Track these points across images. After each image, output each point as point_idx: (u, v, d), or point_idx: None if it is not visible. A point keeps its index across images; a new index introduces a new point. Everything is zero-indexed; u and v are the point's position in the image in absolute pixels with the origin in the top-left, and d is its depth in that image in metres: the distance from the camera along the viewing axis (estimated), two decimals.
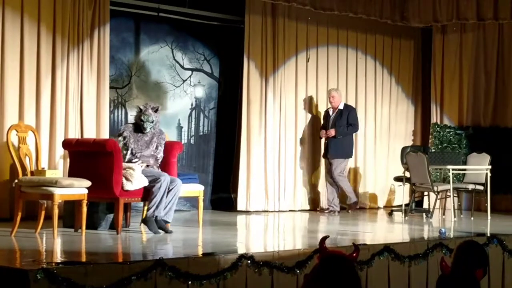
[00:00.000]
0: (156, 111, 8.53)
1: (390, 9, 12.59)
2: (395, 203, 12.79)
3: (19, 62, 9.27)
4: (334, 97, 11.62)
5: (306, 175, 12.05)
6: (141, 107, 8.56)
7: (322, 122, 11.90)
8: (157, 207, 8.06)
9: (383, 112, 13.16)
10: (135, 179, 8.02)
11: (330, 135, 11.47)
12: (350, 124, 11.56)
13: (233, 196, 11.53)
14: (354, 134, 11.93)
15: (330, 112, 11.67)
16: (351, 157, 11.80)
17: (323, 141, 11.79)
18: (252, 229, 9.97)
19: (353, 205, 11.63)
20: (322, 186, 12.05)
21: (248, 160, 11.41)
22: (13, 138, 8.01)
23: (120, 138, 8.44)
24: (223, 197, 11.62)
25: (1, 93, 9.12)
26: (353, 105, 12.65)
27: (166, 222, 8.16)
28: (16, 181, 7.75)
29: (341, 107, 11.63)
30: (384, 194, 13.04)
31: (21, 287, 5.18)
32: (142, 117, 8.44)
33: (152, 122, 8.45)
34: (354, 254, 3.47)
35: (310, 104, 12.19)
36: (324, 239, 3.54)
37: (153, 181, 8.11)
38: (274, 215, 11.19)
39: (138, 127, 8.50)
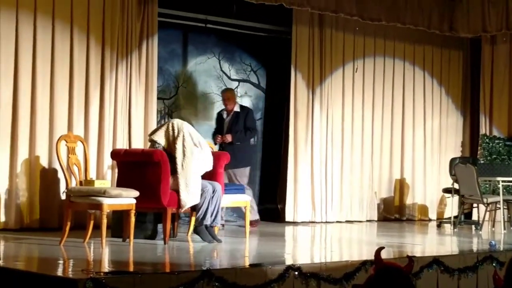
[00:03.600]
0: None
1: (438, 19, 12.46)
2: (446, 215, 12.61)
3: (68, 73, 9.37)
4: (230, 98, 10.37)
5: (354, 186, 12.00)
6: None
7: (215, 126, 10.62)
8: (204, 215, 8.15)
9: (433, 123, 13.03)
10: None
11: (226, 140, 10.20)
12: (248, 129, 10.33)
13: (280, 206, 11.50)
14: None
15: (224, 115, 10.42)
16: (250, 165, 10.50)
17: (217, 148, 10.27)
18: (299, 240, 9.92)
19: (255, 222, 10.15)
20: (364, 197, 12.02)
21: (295, 171, 11.37)
22: (63, 148, 8.08)
23: None
24: (269, 207, 11.60)
25: (51, 104, 9.23)
26: (400, 116, 12.54)
27: (214, 226, 8.27)
28: (65, 191, 7.84)
29: (236, 109, 10.37)
30: (434, 206, 12.90)
31: None
32: None
33: None
34: (409, 267, 3.43)
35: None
36: (379, 250, 3.49)
37: None
38: (321, 226, 11.14)
39: None
